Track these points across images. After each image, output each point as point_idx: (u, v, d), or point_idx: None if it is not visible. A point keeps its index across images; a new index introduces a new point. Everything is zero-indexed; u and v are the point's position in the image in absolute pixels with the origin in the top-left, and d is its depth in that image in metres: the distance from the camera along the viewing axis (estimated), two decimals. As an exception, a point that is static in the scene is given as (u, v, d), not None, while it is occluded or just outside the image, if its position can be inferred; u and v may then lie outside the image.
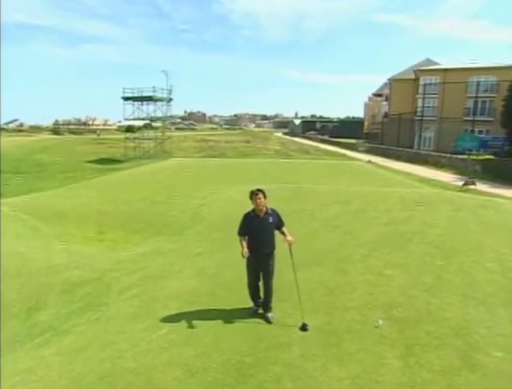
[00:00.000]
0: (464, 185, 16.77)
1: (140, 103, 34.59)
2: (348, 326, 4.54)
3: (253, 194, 4.86)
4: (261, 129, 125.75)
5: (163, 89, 34.46)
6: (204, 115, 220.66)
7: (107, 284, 6.48)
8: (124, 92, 33.74)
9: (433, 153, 29.76)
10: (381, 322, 4.63)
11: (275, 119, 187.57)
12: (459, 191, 15.71)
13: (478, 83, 34.98)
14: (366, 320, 4.65)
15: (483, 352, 3.99)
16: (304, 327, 4.46)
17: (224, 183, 17.13)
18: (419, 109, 39.15)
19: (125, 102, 34.09)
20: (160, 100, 34.47)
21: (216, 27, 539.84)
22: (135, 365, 3.91)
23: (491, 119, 33.97)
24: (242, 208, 12.33)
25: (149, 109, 35.31)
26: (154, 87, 33.33)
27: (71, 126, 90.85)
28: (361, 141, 47.79)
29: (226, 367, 3.86)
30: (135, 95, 33.60)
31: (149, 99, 33.72)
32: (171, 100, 34.96)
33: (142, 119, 35.86)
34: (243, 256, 4.68)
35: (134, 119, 35.78)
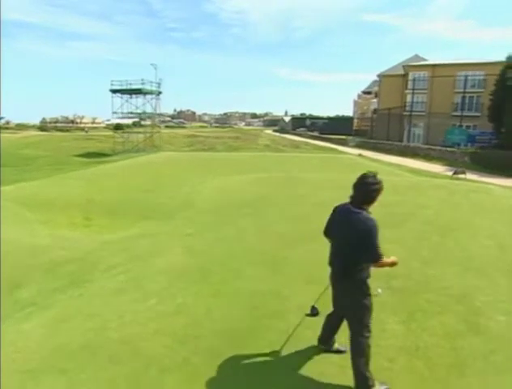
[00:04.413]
0: (454, 174, 16.84)
1: (129, 96, 34.03)
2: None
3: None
4: (251, 127, 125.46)
5: (152, 82, 34.03)
6: (194, 113, 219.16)
7: (92, 263, 6.19)
8: (112, 85, 33.20)
9: (422, 146, 29.93)
10: (380, 290, 4.43)
11: (265, 117, 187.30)
12: (450, 179, 15.75)
13: (466, 79, 35.30)
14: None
15: (486, 317, 3.86)
16: (313, 312, 3.60)
17: (214, 174, 16.87)
18: (408, 104, 39.38)
19: (114, 95, 33.53)
20: (149, 93, 33.97)
21: (206, 25, 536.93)
22: (120, 335, 3.67)
23: (478, 114, 34.33)
24: (232, 196, 12.13)
25: (138, 103, 34.86)
26: (143, 80, 32.88)
27: (59, 124, 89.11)
28: (351, 137, 47.91)
29: (219, 335, 3.65)
30: (124, 87, 33.03)
31: (138, 91, 33.20)
32: (160, 93, 34.54)
33: (131, 113, 35.27)
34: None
35: (122, 113, 35.16)
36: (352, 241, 2.85)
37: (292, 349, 3.40)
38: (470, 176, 17.40)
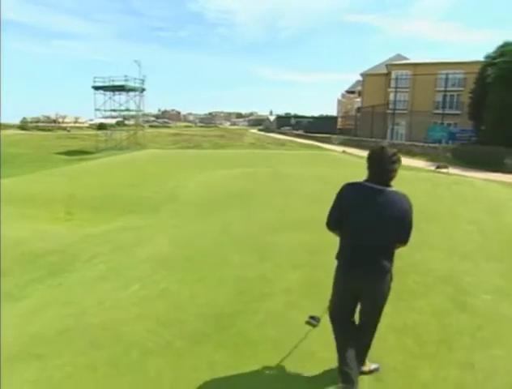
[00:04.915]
0: (437, 168, 17.11)
1: (112, 93, 33.44)
2: (331, 277, 4.31)
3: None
4: (236, 127, 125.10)
5: (135, 79, 33.52)
6: (179, 113, 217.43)
7: (72, 255, 5.99)
8: (95, 81, 32.54)
9: (405, 143, 30.34)
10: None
11: (251, 117, 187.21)
12: (433, 173, 15.97)
13: (447, 78, 35.97)
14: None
15: (472, 296, 3.88)
16: (312, 321, 3.05)
17: (200, 169, 16.70)
18: (391, 103, 39.89)
19: (96, 92, 32.90)
20: (133, 89, 33.45)
21: (191, 25, 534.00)
22: (101, 320, 3.53)
23: (459, 112, 34.99)
24: (218, 189, 11.98)
25: (121, 100, 34.28)
26: (126, 77, 32.34)
27: (40, 124, 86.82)
28: (336, 136, 48.27)
29: (204, 318, 3.54)
30: (106, 84, 32.42)
31: (121, 88, 32.64)
32: (144, 90, 34.05)
33: (114, 110, 34.66)
34: None
35: (105, 110, 34.52)
36: (391, 223, 2.41)
37: (279, 328, 3.33)
38: (452, 170, 17.68)
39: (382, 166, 2.42)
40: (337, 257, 2.69)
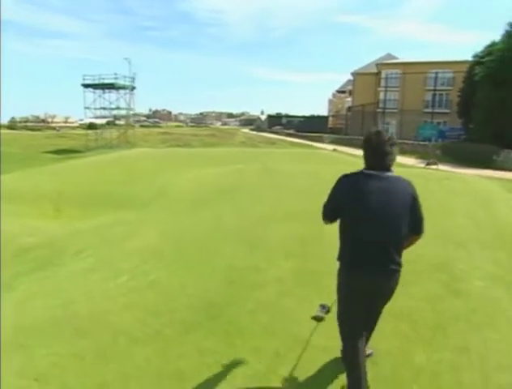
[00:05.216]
0: (427, 165, 17.22)
1: (102, 91, 33.03)
2: (325, 266, 4.25)
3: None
4: (227, 126, 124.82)
5: (125, 77, 33.14)
6: (170, 113, 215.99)
7: (60, 248, 5.85)
8: (84, 79, 32.10)
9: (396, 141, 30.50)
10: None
11: (242, 117, 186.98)
12: (424, 169, 16.08)
13: (436, 77, 36.35)
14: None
15: (465, 282, 3.89)
16: (319, 314, 3.19)
17: (190, 167, 16.57)
18: (381, 102, 40.16)
19: (86, 90, 32.45)
20: (123, 87, 33.06)
21: (182, 24, 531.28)
22: (88, 311, 3.43)
23: (448, 111, 35.41)
24: (209, 185, 11.87)
25: (111, 98, 33.88)
26: (116, 74, 31.96)
27: (29, 124, 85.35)
28: (327, 135, 48.44)
29: (194, 308, 3.46)
30: (96, 82, 32.01)
31: (111, 86, 32.24)
32: (134, 88, 33.70)
33: (104, 109, 34.23)
34: None
35: (94, 108, 34.07)
36: (399, 211, 2.14)
37: (271, 316, 3.26)
38: (442, 167, 17.83)
39: (381, 149, 2.18)
40: (339, 257, 2.30)
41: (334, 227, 5.40)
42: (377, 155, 2.20)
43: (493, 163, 18.28)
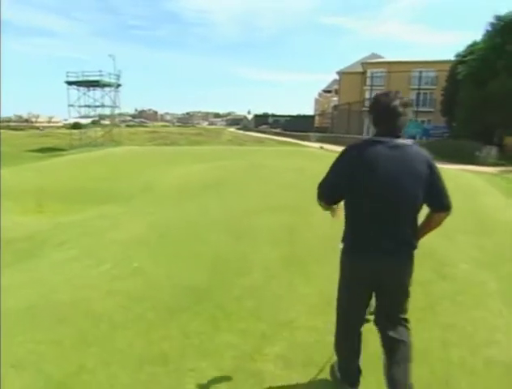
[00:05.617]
0: (413, 161, 17.41)
1: (86, 88, 32.43)
2: (312, 252, 4.25)
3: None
4: (214, 126, 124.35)
5: (110, 74, 32.61)
6: (156, 113, 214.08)
7: (41, 241, 5.70)
8: (68, 76, 31.48)
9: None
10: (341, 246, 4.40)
11: (228, 117, 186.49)
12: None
13: (420, 76, 36.92)
14: (329, 248, 4.37)
15: (451, 266, 3.95)
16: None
17: (176, 164, 16.42)
18: (367, 100, 40.54)
19: (70, 87, 31.83)
20: (108, 85, 32.50)
21: (168, 24, 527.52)
22: (70, 298, 3.32)
23: (432, 109, 35.96)
24: (194, 180, 11.76)
25: (96, 95, 33.29)
26: (101, 71, 31.43)
27: (12, 123, 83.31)
28: (313, 133, 48.68)
29: (179, 294, 3.39)
30: (80, 79, 31.41)
31: (96, 84, 31.67)
32: (119, 85, 33.17)
33: (89, 106, 33.60)
34: None
35: (79, 106, 33.40)
36: (418, 182, 1.84)
37: (257, 300, 3.22)
38: (427, 163, 18.12)
39: (391, 109, 1.83)
40: (343, 239, 2.02)
41: (322, 216, 5.37)
42: (388, 117, 1.85)
43: (476, 159, 18.60)
